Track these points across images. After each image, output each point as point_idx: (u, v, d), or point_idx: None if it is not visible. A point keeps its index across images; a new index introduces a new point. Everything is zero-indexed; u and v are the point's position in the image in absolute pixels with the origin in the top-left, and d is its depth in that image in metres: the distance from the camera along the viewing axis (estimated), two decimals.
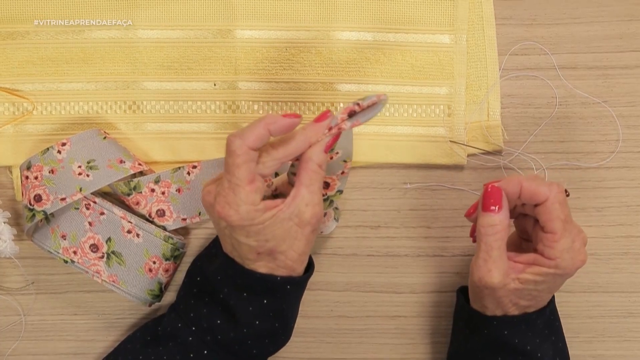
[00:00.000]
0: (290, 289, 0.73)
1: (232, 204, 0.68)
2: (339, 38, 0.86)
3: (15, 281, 0.85)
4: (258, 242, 0.69)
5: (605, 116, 0.87)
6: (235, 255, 0.72)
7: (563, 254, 0.70)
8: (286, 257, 0.71)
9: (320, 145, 0.71)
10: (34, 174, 0.80)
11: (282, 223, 0.69)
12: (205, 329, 0.73)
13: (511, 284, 0.72)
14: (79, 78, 0.86)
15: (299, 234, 0.70)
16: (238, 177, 0.67)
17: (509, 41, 0.87)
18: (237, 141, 0.67)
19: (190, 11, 0.86)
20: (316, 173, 0.71)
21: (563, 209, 0.71)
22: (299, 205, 0.70)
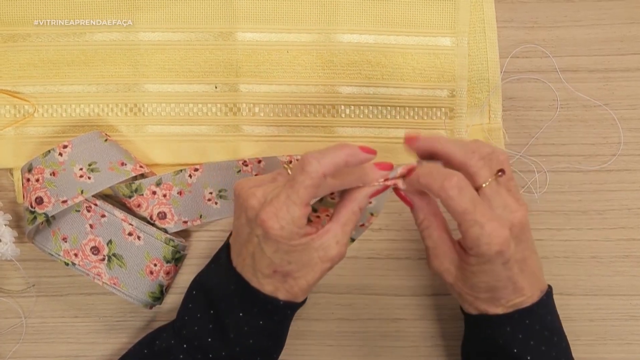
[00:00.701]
0: (289, 313, 0.73)
1: (281, 218, 0.67)
2: (340, 40, 0.86)
3: (16, 284, 0.85)
4: (282, 261, 0.69)
5: (607, 119, 0.87)
6: (246, 268, 0.71)
7: (475, 242, 0.67)
8: (296, 284, 0.70)
9: (368, 190, 0.71)
10: (35, 176, 0.80)
11: (309, 251, 0.69)
12: (196, 347, 0.72)
13: (455, 271, 0.71)
14: (80, 80, 0.86)
15: (317, 267, 0.70)
16: (299, 197, 0.67)
17: (511, 44, 0.87)
18: (314, 163, 0.67)
19: (192, 13, 0.86)
20: (354, 215, 0.71)
21: (459, 201, 0.66)
22: (330, 240, 0.70)
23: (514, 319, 0.71)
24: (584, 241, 0.86)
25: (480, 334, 0.73)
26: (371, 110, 0.86)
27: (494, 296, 0.71)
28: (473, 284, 0.70)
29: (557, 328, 0.74)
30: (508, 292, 0.70)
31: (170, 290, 0.85)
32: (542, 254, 0.84)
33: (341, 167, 0.68)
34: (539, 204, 0.86)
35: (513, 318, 0.71)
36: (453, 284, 0.71)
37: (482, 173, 0.69)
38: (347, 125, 0.86)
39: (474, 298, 0.71)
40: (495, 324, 0.72)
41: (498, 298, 0.71)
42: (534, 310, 0.72)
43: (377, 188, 0.71)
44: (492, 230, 0.66)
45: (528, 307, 0.71)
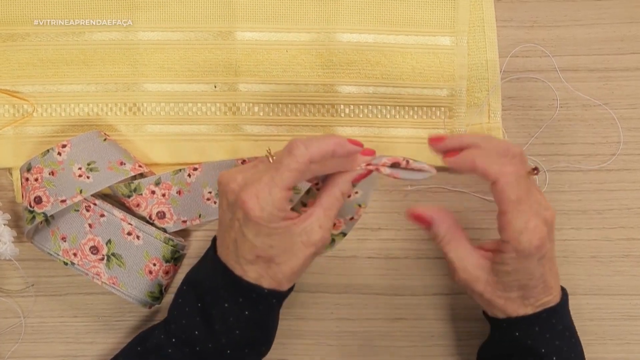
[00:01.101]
0: (275, 303, 0.72)
1: (261, 199, 0.67)
2: (340, 40, 0.86)
3: (15, 283, 0.85)
4: (263, 244, 0.68)
5: (606, 118, 0.87)
6: (230, 255, 0.70)
7: (517, 236, 0.68)
8: (279, 270, 0.70)
9: (350, 175, 0.71)
10: (34, 175, 0.80)
11: (291, 236, 0.69)
12: (184, 340, 0.72)
13: (485, 276, 0.71)
14: (79, 80, 0.85)
15: (300, 252, 0.70)
16: (282, 179, 0.67)
17: (510, 43, 0.87)
18: (301, 148, 0.67)
19: (191, 13, 0.85)
20: (337, 200, 0.71)
21: (514, 189, 0.68)
22: (313, 224, 0.69)
23: (542, 319, 0.72)
24: (584, 241, 0.86)
25: (506, 337, 0.74)
26: (370, 110, 0.86)
27: (524, 295, 0.71)
28: (506, 284, 0.70)
29: (574, 330, 0.75)
30: (538, 290, 0.71)
31: (170, 290, 0.84)
32: None
33: (327, 156, 0.68)
34: None
35: (541, 318, 0.72)
36: (483, 291, 0.71)
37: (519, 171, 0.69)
38: (346, 124, 0.86)
39: (505, 300, 0.71)
40: (524, 325, 0.72)
41: (528, 297, 0.71)
42: (558, 310, 0.73)
43: (360, 172, 0.71)
44: (536, 227, 0.68)
45: (553, 306, 0.72)
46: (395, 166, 0.71)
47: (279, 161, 0.68)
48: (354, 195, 0.74)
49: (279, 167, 0.67)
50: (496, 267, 0.70)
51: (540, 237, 0.68)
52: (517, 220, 0.68)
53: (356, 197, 0.74)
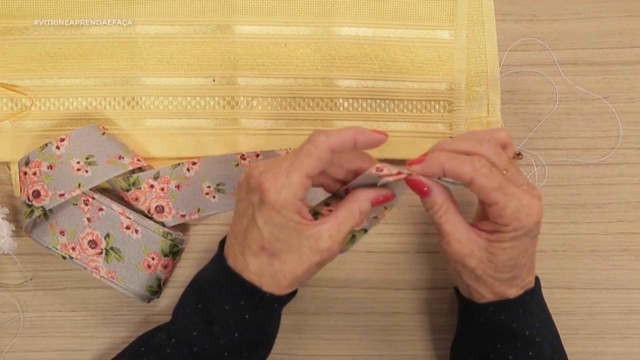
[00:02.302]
0: (276, 308, 0.71)
1: (279, 182, 0.66)
2: (339, 34, 0.85)
3: (13, 277, 0.85)
4: (271, 235, 0.67)
5: (606, 112, 0.86)
6: (236, 245, 0.70)
7: (516, 215, 0.68)
8: (281, 269, 0.69)
9: (372, 194, 0.70)
10: (33, 169, 0.80)
11: (299, 236, 0.68)
12: (182, 341, 0.71)
13: (478, 252, 0.70)
14: (78, 74, 0.85)
15: (305, 256, 0.69)
16: (302, 164, 0.66)
17: (509, 37, 0.87)
18: (322, 136, 0.67)
19: (189, 6, 0.85)
20: (353, 216, 0.69)
21: (492, 178, 0.68)
22: (323, 232, 0.68)
23: (525, 301, 0.72)
24: (583, 235, 0.86)
25: (489, 322, 0.73)
26: (369, 104, 0.85)
27: (513, 276, 0.71)
28: (500, 264, 0.70)
29: (549, 312, 0.76)
30: (526, 270, 0.72)
31: (168, 284, 0.84)
32: (540, 248, 0.85)
33: (349, 145, 0.68)
34: None
35: (524, 300, 0.72)
36: (475, 266, 0.71)
37: (500, 160, 0.69)
38: (345, 118, 0.85)
39: (494, 280, 0.71)
40: (511, 307, 0.72)
41: (516, 277, 0.71)
42: (536, 291, 0.73)
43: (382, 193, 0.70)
44: (530, 202, 0.68)
45: (532, 288, 0.73)
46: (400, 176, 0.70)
47: (300, 148, 0.68)
48: None
49: (299, 152, 0.67)
50: (493, 246, 0.70)
51: (537, 212, 0.69)
52: (511, 202, 0.68)
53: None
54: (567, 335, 0.83)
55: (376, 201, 0.70)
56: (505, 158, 0.69)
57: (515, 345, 0.72)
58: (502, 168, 0.69)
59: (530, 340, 0.72)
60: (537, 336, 0.72)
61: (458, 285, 0.76)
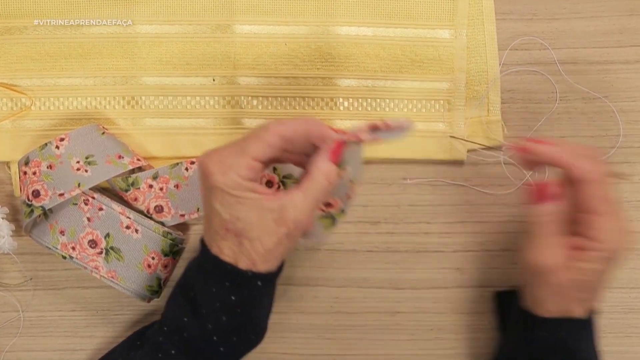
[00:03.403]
0: (260, 286, 0.70)
1: (224, 164, 0.66)
2: (339, 33, 0.85)
3: (13, 277, 0.84)
4: (230, 216, 0.67)
5: (606, 111, 0.86)
6: (207, 233, 0.70)
7: (611, 236, 0.68)
8: (251, 247, 0.68)
9: (326, 151, 0.69)
10: (32, 169, 0.79)
11: (260, 211, 0.67)
12: (174, 329, 0.71)
13: (567, 271, 0.69)
14: (77, 73, 0.85)
15: (272, 230, 0.68)
16: (249, 147, 0.66)
17: (509, 36, 0.86)
18: (273, 123, 0.67)
19: (189, 6, 0.85)
20: (317, 182, 0.68)
21: (607, 187, 0.68)
22: (287, 203, 0.68)
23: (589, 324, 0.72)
24: None
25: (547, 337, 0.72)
26: (369, 103, 0.85)
27: (588, 297, 0.71)
28: (584, 283, 0.70)
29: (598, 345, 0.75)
30: (599, 293, 0.72)
31: (168, 284, 0.84)
32: None
33: (301, 135, 0.68)
34: None
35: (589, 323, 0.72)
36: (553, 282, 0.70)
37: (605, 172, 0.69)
38: (345, 117, 0.85)
39: (571, 298, 0.70)
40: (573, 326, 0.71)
41: (589, 299, 0.71)
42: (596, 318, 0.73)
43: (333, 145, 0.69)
44: (623, 225, 0.69)
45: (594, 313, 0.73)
46: (375, 130, 0.70)
47: (251, 131, 0.68)
48: (344, 173, 0.72)
49: (248, 136, 0.67)
50: (577, 264, 0.69)
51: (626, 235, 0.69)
52: (612, 220, 0.68)
53: (346, 175, 0.72)
54: None
55: (333, 153, 0.69)
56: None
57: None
58: None
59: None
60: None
61: (524, 293, 0.75)
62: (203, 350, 0.71)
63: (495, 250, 0.85)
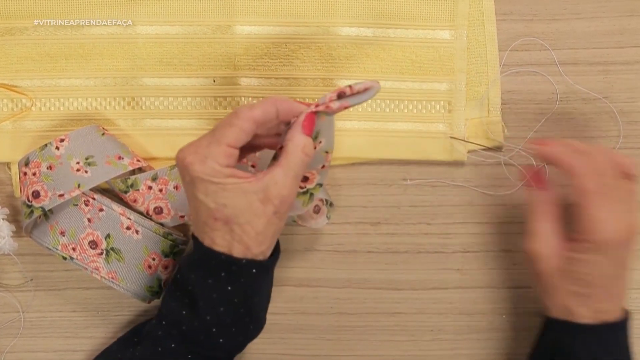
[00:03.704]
0: (255, 274, 0.69)
1: (200, 154, 0.66)
2: (339, 34, 0.84)
3: (14, 278, 0.84)
4: (216, 205, 0.67)
5: (606, 112, 0.86)
6: (197, 227, 0.70)
7: (602, 226, 0.68)
8: (242, 232, 0.67)
9: (297, 124, 0.69)
10: (32, 170, 0.79)
11: (245, 194, 0.67)
12: (172, 322, 0.71)
13: (555, 260, 0.70)
14: (78, 74, 0.84)
15: (260, 211, 0.67)
16: (223, 135, 0.66)
17: (510, 37, 0.86)
18: (244, 108, 0.67)
19: (189, 7, 0.84)
20: (295, 156, 0.68)
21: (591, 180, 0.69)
22: (268, 182, 0.67)
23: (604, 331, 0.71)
24: None
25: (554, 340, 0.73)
26: (370, 104, 0.85)
27: (586, 293, 0.70)
28: (573, 275, 0.70)
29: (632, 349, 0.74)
30: (600, 292, 0.71)
31: None
32: None
33: (271, 114, 0.68)
34: None
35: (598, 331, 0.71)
36: (552, 273, 0.71)
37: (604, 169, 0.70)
38: (346, 119, 0.84)
39: (565, 292, 0.71)
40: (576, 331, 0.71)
41: (589, 296, 0.70)
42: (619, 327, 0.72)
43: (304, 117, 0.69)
44: (619, 219, 0.68)
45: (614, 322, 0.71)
46: (342, 96, 0.69)
47: (222, 120, 0.68)
48: (318, 146, 0.71)
49: (220, 124, 0.67)
50: (572, 256, 0.70)
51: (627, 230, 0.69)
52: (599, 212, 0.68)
53: (321, 146, 0.72)
54: None
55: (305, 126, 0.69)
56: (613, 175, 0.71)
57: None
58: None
59: None
60: None
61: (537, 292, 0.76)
62: (203, 343, 0.70)
63: (495, 250, 0.85)
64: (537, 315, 0.77)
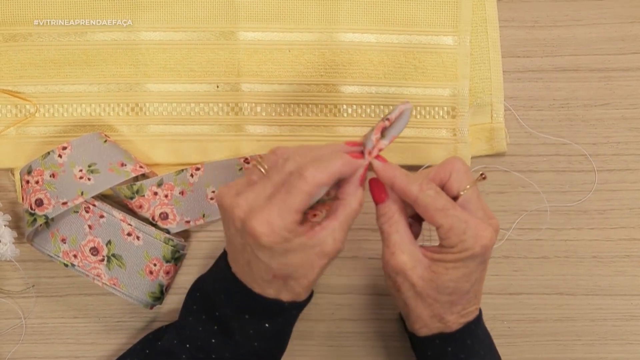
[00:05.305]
0: (295, 313, 0.70)
1: (273, 225, 0.64)
2: (342, 40, 0.83)
3: (15, 284, 0.83)
4: (279, 265, 0.65)
5: (608, 118, 0.85)
6: (246, 275, 0.68)
7: (461, 238, 0.66)
8: (297, 284, 0.67)
9: (356, 180, 0.68)
10: (35, 178, 0.77)
11: (305, 250, 0.66)
12: (199, 347, 0.69)
13: (420, 269, 0.68)
14: (82, 80, 0.83)
15: (315, 264, 0.67)
16: (294, 203, 0.64)
17: (511, 43, 0.85)
18: (311, 170, 0.64)
19: (193, 13, 0.83)
20: (352, 209, 0.67)
21: (437, 200, 0.67)
22: (326, 237, 0.66)
23: (471, 331, 0.71)
24: (585, 241, 0.84)
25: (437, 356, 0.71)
26: (373, 110, 0.83)
27: (453, 300, 0.69)
28: (440, 283, 0.68)
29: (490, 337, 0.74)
30: (468, 298, 0.69)
31: (171, 291, 0.82)
32: (542, 254, 0.84)
33: (337, 178, 0.66)
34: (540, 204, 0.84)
35: (470, 330, 0.71)
36: (416, 282, 0.68)
37: (462, 180, 0.68)
38: (349, 124, 0.83)
39: (433, 300, 0.68)
40: (457, 339, 0.70)
41: (456, 303, 0.69)
42: (479, 318, 0.72)
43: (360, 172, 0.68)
44: (479, 226, 0.66)
45: (476, 317, 0.71)
46: (384, 131, 0.68)
47: (290, 183, 0.65)
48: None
49: (289, 189, 0.64)
50: (436, 264, 0.68)
51: (486, 236, 0.66)
52: (456, 224, 0.66)
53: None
54: (569, 342, 0.83)
55: (362, 179, 0.68)
56: (466, 180, 0.68)
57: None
58: (460, 188, 0.68)
59: None
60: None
61: (401, 310, 0.74)
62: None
63: (495, 257, 0.84)
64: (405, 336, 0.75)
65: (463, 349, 0.70)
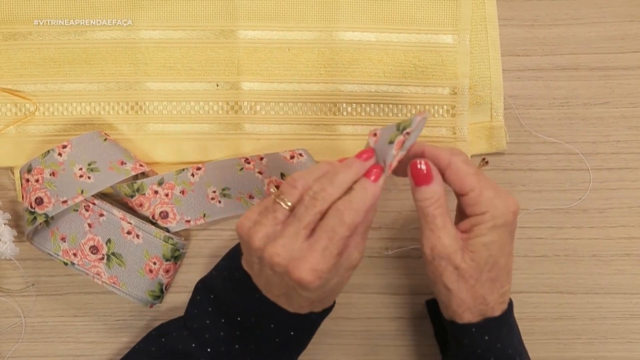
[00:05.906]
0: (320, 321, 0.72)
1: (319, 272, 0.63)
2: (342, 38, 0.83)
3: (15, 283, 0.82)
4: (319, 295, 0.66)
5: (607, 117, 0.84)
6: (280, 299, 0.68)
7: (493, 202, 0.66)
8: (329, 300, 0.70)
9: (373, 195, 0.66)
10: (35, 176, 0.77)
11: (338, 272, 0.66)
12: (222, 352, 0.69)
13: (461, 252, 0.67)
14: (81, 79, 0.82)
15: (345, 277, 0.68)
16: (337, 248, 0.63)
17: (511, 42, 0.84)
18: (351, 214, 0.63)
19: (193, 11, 0.82)
20: (371, 221, 0.68)
21: (469, 166, 0.68)
22: (352, 252, 0.66)
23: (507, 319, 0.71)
24: (585, 239, 0.84)
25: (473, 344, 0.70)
26: (373, 108, 0.83)
27: (494, 277, 0.68)
28: (481, 261, 0.67)
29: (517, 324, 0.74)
30: (505, 273, 0.69)
31: (170, 289, 0.82)
32: (542, 253, 0.84)
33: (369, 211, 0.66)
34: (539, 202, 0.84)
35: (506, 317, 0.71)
36: (460, 264, 0.67)
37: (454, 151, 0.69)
38: (348, 123, 0.83)
39: (475, 281, 0.68)
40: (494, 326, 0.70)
41: (496, 279, 0.69)
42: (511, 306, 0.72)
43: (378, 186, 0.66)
44: (505, 194, 0.68)
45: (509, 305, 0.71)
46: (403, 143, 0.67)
47: (333, 230, 0.63)
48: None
49: (332, 237, 0.63)
50: (473, 243, 0.67)
51: (514, 202, 0.68)
52: (487, 190, 0.67)
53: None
54: (568, 340, 0.83)
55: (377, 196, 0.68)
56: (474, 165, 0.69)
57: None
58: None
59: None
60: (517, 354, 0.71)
61: (438, 297, 0.72)
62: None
63: None
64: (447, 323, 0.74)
65: (500, 337, 0.70)
